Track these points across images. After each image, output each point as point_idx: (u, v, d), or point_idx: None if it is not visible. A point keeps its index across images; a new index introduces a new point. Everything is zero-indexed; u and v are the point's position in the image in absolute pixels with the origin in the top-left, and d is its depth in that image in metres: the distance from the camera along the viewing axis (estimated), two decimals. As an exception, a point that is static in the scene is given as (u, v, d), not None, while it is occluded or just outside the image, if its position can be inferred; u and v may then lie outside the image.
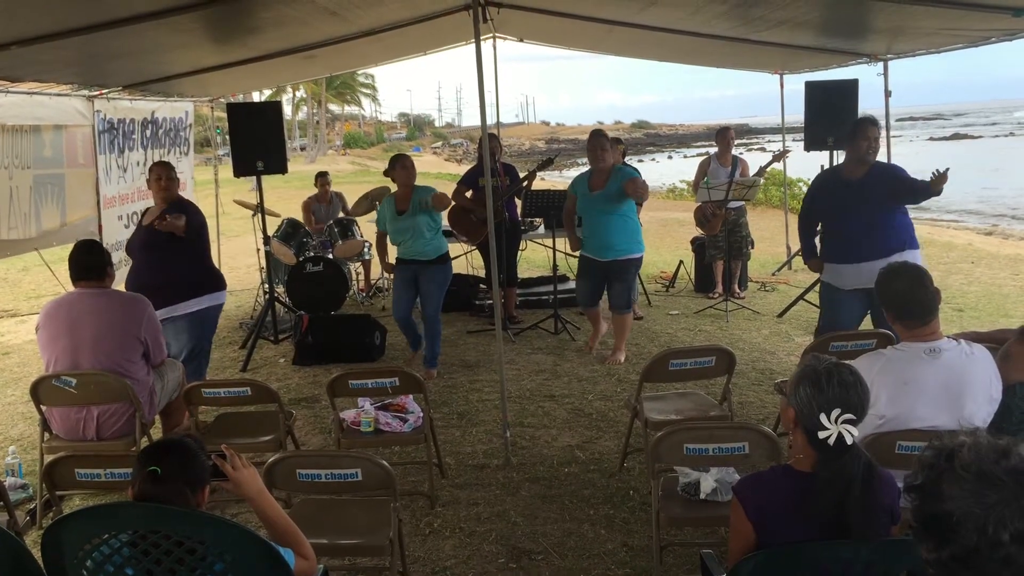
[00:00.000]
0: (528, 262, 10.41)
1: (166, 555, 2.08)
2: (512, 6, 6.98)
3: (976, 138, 59.71)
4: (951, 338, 2.97)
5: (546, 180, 23.04)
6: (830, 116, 7.77)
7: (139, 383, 4.24)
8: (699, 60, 9.92)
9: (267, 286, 7.66)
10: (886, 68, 7.45)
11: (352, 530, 3.20)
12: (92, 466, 3.18)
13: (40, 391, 4.14)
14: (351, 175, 32.75)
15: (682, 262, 9.68)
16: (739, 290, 8.82)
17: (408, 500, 4.23)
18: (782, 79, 9.52)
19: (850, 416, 2.15)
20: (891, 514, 2.23)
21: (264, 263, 7.87)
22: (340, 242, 8.74)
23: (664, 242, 13.35)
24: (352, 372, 4.43)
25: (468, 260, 9.42)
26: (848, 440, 2.13)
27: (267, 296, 7.55)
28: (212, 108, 10.25)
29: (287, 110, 57.35)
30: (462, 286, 8.75)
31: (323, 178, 9.66)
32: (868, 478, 2.16)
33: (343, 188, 10.51)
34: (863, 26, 6.27)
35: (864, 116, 5.50)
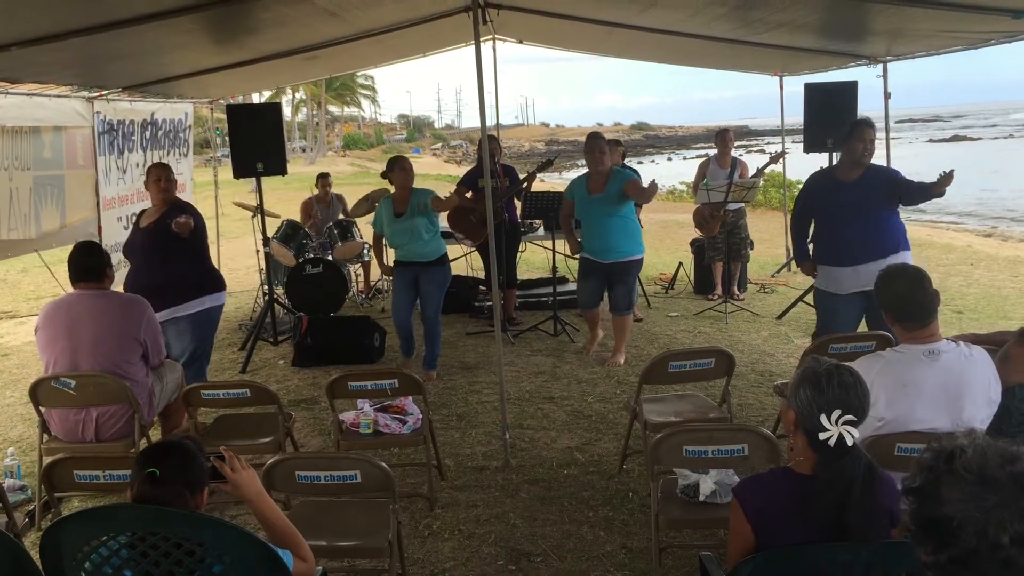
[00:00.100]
0: (527, 264, 10.41)
1: (165, 557, 2.08)
2: (512, 8, 6.98)
3: (975, 140, 59.72)
4: (950, 340, 2.97)
5: (546, 182, 23.05)
6: (829, 118, 7.77)
7: (138, 385, 4.24)
8: (699, 62, 9.93)
9: (266, 287, 7.66)
10: (885, 70, 7.45)
11: (351, 532, 3.19)
12: (91, 468, 3.18)
13: (39, 392, 4.14)
14: (350, 176, 32.76)
15: (681, 264, 9.68)
16: (738, 292, 8.82)
17: (407, 502, 4.23)
18: (781, 81, 9.52)
19: (850, 417, 2.15)
20: (891, 516, 2.23)
21: (263, 264, 7.88)
22: (340, 244, 8.74)
23: (663, 244, 13.35)
24: (351, 374, 4.43)
25: (468, 262, 9.42)
26: (849, 441, 2.14)
27: (266, 298, 7.55)
28: (212, 109, 10.25)
29: (287, 111, 57.38)
30: (461, 288, 8.75)
31: (324, 180, 9.65)
32: (869, 479, 2.16)
33: (343, 189, 10.50)
34: (862, 28, 6.27)
35: (860, 118, 5.49)
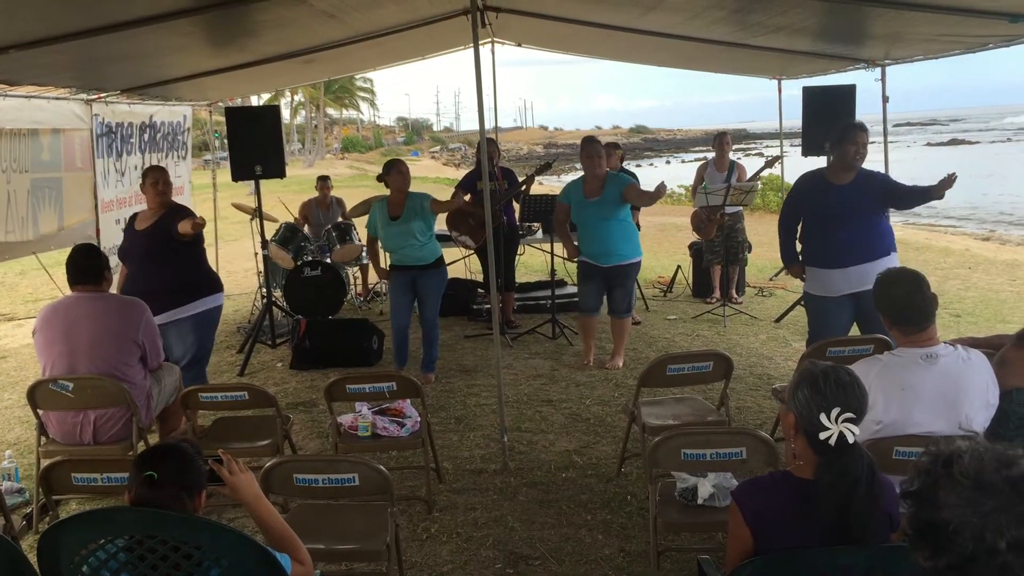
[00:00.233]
0: (526, 267, 10.40)
1: (162, 560, 2.08)
2: (511, 11, 6.98)
3: (973, 143, 59.78)
4: (948, 344, 2.97)
5: (544, 184, 23.03)
6: (828, 121, 7.76)
7: (136, 387, 4.23)
8: (697, 65, 9.93)
9: (265, 290, 7.65)
10: (883, 74, 7.45)
11: (349, 535, 3.19)
12: (89, 470, 3.17)
13: (37, 395, 4.13)
14: (349, 179, 32.73)
15: (680, 267, 9.69)
16: (737, 295, 8.83)
17: (405, 505, 4.23)
18: (780, 84, 9.52)
19: (850, 415, 2.14)
20: (890, 520, 2.22)
21: (262, 267, 7.87)
22: (338, 246, 8.73)
23: (662, 247, 13.35)
24: (350, 376, 4.43)
25: (466, 265, 9.42)
26: (849, 438, 2.13)
27: (265, 300, 7.55)
28: (210, 112, 10.25)
29: (285, 114, 57.37)
30: (460, 290, 8.75)
31: (324, 182, 9.63)
32: (871, 480, 2.16)
33: (341, 192, 10.50)
34: (861, 32, 6.28)
35: (853, 121, 5.48)
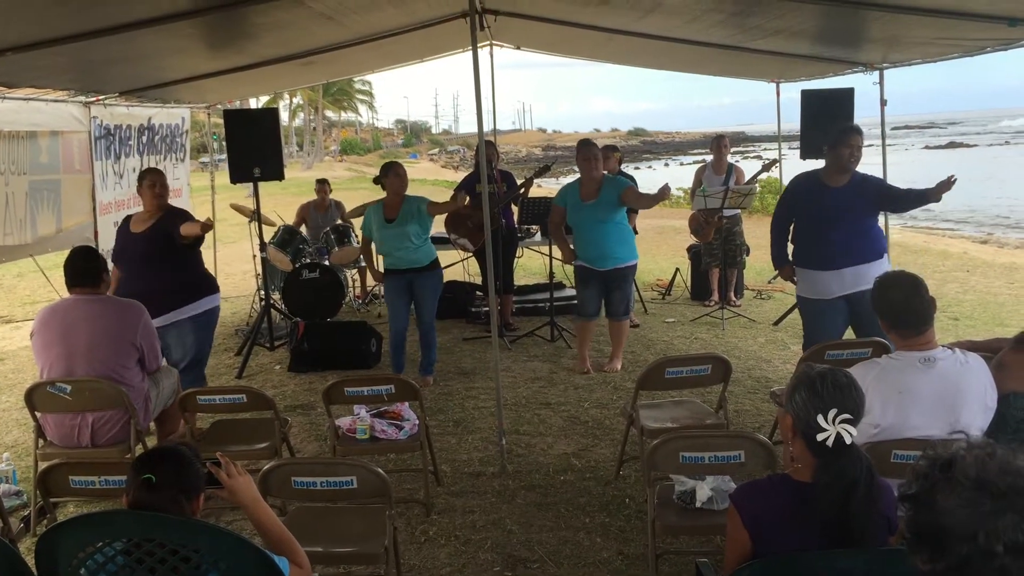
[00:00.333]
0: (524, 269, 10.40)
1: (160, 563, 2.08)
2: (509, 14, 7.00)
3: (971, 147, 59.84)
4: (946, 347, 2.97)
5: (543, 187, 23.00)
6: (826, 124, 7.74)
7: (134, 390, 4.23)
8: (696, 68, 9.95)
9: (263, 292, 7.65)
10: (882, 77, 7.46)
11: (347, 538, 3.19)
12: (87, 473, 3.17)
13: (35, 397, 4.13)
14: (348, 182, 32.72)
15: (678, 270, 9.69)
16: (735, 298, 8.83)
17: (403, 508, 4.22)
18: (778, 87, 9.53)
19: (847, 416, 2.14)
20: (888, 523, 2.23)
21: (260, 269, 7.87)
22: (336, 249, 8.72)
23: (660, 250, 13.36)
24: (348, 379, 4.42)
25: (465, 267, 9.42)
26: (847, 440, 2.13)
27: (263, 303, 7.54)
28: (209, 114, 10.26)
29: (284, 116, 57.40)
30: (458, 293, 8.76)
31: (322, 185, 9.62)
32: (870, 482, 2.16)
33: (339, 194, 10.50)
34: (859, 35, 6.29)
35: (848, 124, 5.49)
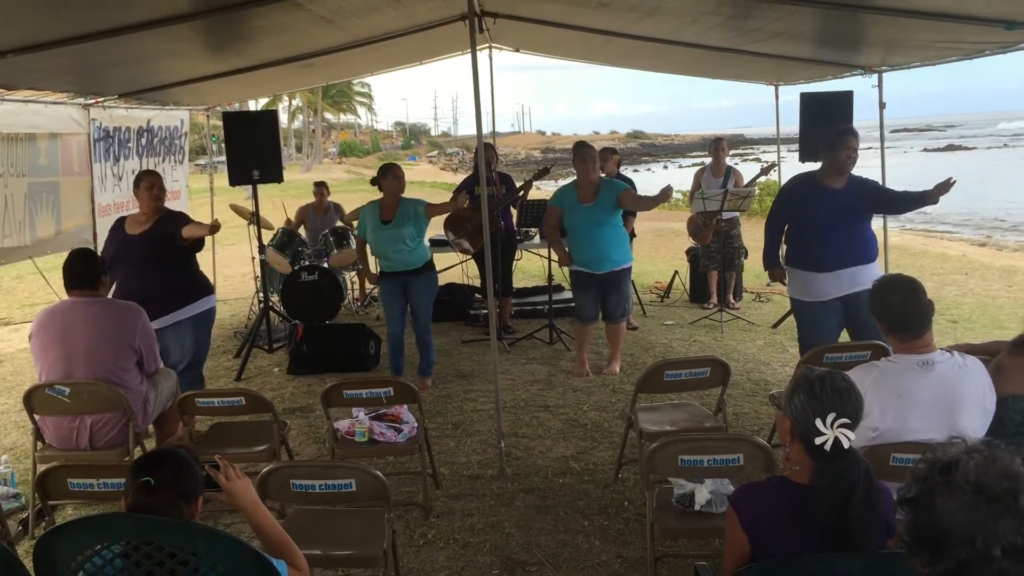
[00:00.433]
0: (523, 272, 10.39)
1: (159, 566, 2.07)
2: (508, 16, 7.00)
3: (970, 149, 59.91)
4: (944, 350, 2.97)
5: (542, 190, 22.99)
6: (825, 127, 7.73)
7: (133, 392, 4.22)
8: (695, 71, 9.95)
9: (262, 295, 7.65)
10: (880, 80, 7.47)
11: (346, 541, 3.18)
12: (85, 476, 3.16)
13: (33, 400, 4.12)
14: (346, 184, 32.73)
15: (677, 272, 9.70)
16: (734, 300, 8.83)
17: (402, 511, 4.22)
18: (777, 90, 9.53)
19: (846, 420, 2.15)
20: (887, 526, 2.23)
21: (259, 272, 7.87)
22: (335, 251, 8.72)
23: (659, 252, 13.37)
24: (347, 382, 4.42)
25: (464, 270, 9.41)
26: (845, 444, 2.13)
27: (262, 305, 7.54)
28: (208, 117, 10.25)
29: (283, 118, 57.38)
30: (457, 296, 8.77)
31: (320, 188, 9.61)
32: (868, 485, 2.16)
33: (338, 197, 10.49)
34: (858, 38, 6.30)
35: (844, 126, 5.50)
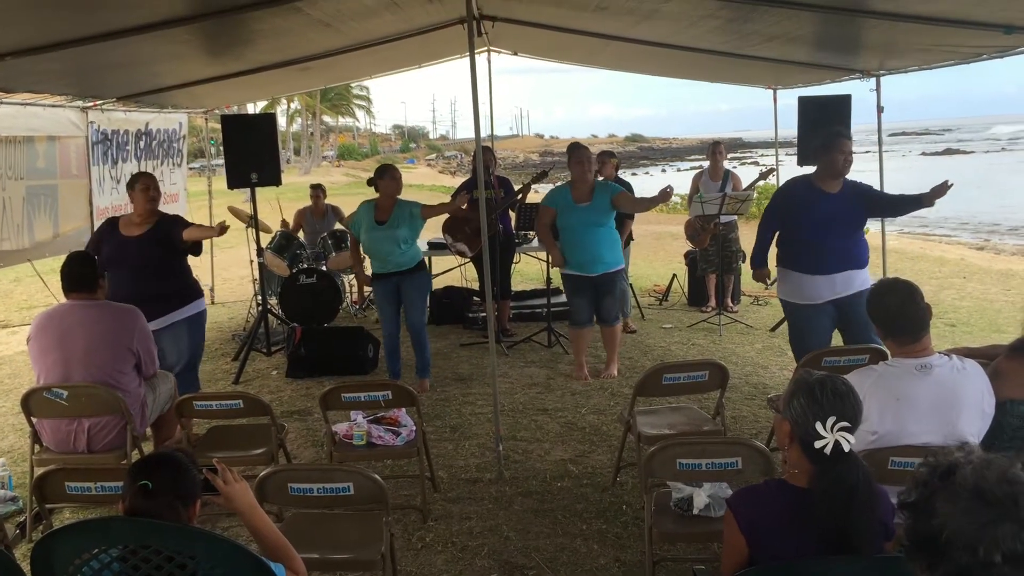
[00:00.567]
0: (521, 275, 10.41)
1: (156, 570, 2.07)
2: (506, 20, 7.01)
3: (968, 153, 60.00)
4: (943, 354, 2.97)
5: (540, 193, 23.02)
6: (823, 131, 7.78)
7: (131, 395, 4.22)
8: (693, 74, 9.97)
9: (260, 298, 7.64)
10: (879, 84, 7.48)
11: (344, 545, 3.18)
12: (83, 479, 3.15)
13: (31, 403, 4.12)
14: (345, 187, 32.77)
15: (675, 276, 9.70)
16: (732, 304, 8.84)
17: (400, 514, 4.21)
18: (775, 94, 9.55)
19: (846, 424, 2.14)
20: (885, 529, 2.23)
21: (257, 275, 7.86)
22: (334, 254, 8.72)
23: (658, 255, 13.37)
24: (345, 385, 4.42)
25: (462, 273, 9.41)
26: (845, 447, 2.13)
27: (260, 308, 7.53)
28: (206, 120, 10.25)
29: (281, 121, 57.37)
30: (456, 299, 8.76)
31: (316, 190, 9.58)
32: (867, 489, 2.16)
33: (337, 200, 10.49)
34: (856, 42, 6.31)
35: (837, 129, 5.51)
